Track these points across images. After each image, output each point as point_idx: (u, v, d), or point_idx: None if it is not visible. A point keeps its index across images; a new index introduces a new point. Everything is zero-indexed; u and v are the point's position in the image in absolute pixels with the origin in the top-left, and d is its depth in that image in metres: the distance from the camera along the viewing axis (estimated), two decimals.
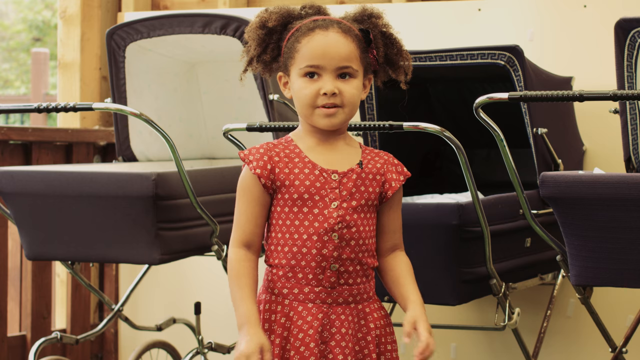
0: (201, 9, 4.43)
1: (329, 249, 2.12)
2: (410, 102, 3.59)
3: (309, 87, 2.13)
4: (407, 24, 3.85)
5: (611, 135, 3.37)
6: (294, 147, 2.18)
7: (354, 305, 2.16)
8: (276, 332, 2.14)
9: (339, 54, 2.13)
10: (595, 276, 2.53)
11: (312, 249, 2.12)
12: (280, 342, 2.13)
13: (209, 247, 3.08)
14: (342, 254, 2.13)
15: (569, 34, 3.62)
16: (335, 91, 2.12)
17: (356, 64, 2.15)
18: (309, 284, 2.13)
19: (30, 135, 3.97)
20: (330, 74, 2.13)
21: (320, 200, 2.13)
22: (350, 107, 2.15)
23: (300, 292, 2.13)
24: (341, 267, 2.13)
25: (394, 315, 3.43)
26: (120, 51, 3.53)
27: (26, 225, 3.03)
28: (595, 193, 2.45)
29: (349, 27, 2.16)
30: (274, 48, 2.20)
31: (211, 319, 4.02)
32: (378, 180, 2.20)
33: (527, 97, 2.46)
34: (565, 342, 3.62)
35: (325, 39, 2.13)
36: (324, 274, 2.13)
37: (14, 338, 4.02)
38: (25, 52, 14.77)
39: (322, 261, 2.12)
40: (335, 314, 2.14)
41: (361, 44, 2.17)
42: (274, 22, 2.18)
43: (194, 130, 3.89)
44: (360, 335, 2.16)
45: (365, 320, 2.17)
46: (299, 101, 2.16)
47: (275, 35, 2.19)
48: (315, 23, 2.15)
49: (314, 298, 2.13)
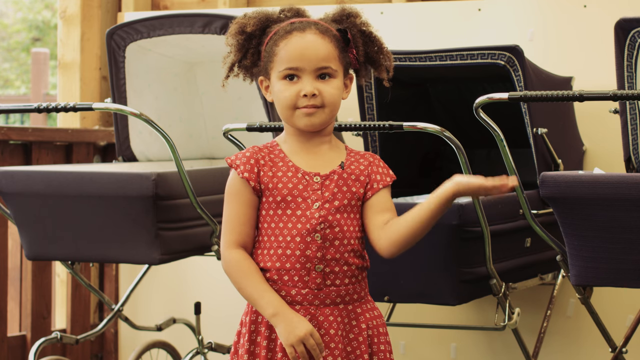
0: (201, 9, 4.43)
1: (312, 249, 2.12)
2: (410, 102, 3.60)
3: (288, 89, 2.14)
4: (407, 24, 3.85)
5: (611, 135, 3.37)
6: (278, 152, 2.20)
7: (343, 306, 2.15)
8: (262, 333, 2.14)
9: (317, 55, 2.13)
10: (595, 276, 2.53)
11: (296, 250, 2.13)
12: (267, 345, 2.13)
13: (209, 247, 3.08)
14: (326, 255, 2.13)
15: (569, 34, 3.62)
16: (315, 92, 2.13)
17: (335, 64, 2.16)
18: (295, 286, 2.13)
19: (30, 135, 3.97)
20: (310, 75, 2.13)
21: (303, 202, 2.14)
22: (330, 108, 2.16)
23: (287, 294, 2.13)
24: (326, 268, 2.13)
25: (394, 316, 3.43)
26: (120, 51, 3.53)
27: (26, 225, 3.03)
28: (595, 193, 2.45)
29: (326, 28, 2.17)
30: (254, 53, 2.21)
31: (211, 319, 4.02)
32: (362, 181, 2.20)
33: (527, 97, 2.46)
34: (565, 342, 3.62)
35: (302, 41, 2.14)
36: (309, 276, 2.13)
37: (14, 338, 4.02)
38: (25, 52, 14.77)
39: (307, 262, 2.13)
40: (323, 316, 2.13)
41: (339, 43, 2.18)
42: (253, 27, 2.19)
43: (194, 130, 3.89)
44: (351, 336, 2.15)
45: (357, 320, 2.17)
46: (279, 103, 2.17)
47: (254, 40, 2.21)
48: (292, 26, 2.16)
49: (301, 300, 2.13)
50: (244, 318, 2.19)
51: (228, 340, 3.53)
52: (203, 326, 3.68)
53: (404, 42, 3.75)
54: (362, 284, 2.20)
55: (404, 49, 3.21)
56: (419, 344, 3.80)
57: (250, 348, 2.15)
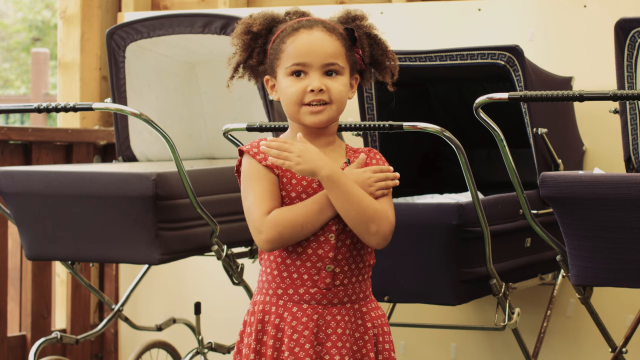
0: (201, 9, 4.43)
1: (324, 249, 2.12)
2: (410, 102, 3.60)
3: (295, 85, 2.14)
4: (407, 24, 3.85)
5: (611, 135, 3.37)
6: None
7: (350, 305, 2.15)
8: (269, 333, 2.13)
9: (324, 51, 2.13)
10: (595, 276, 2.53)
11: (308, 249, 2.12)
12: (274, 344, 2.12)
13: (209, 247, 3.08)
14: (338, 255, 2.13)
15: (569, 34, 3.62)
16: (323, 88, 2.12)
17: (342, 61, 2.15)
18: (304, 284, 2.12)
19: (30, 135, 3.97)
20: (317, 71, 2.13)
21: None
22: (337, 104, 2.15)
23: (295, 292, 2.13)
24: (336, 268, 2.13)
25: (394, 316, 3.44)
26: (120, 51, 3.53)
27: (26, 225, 3.03)
28: (595, 193, 2.45)
29: (333, 26, 2.17)
30: (260, 52, 2.21)
31: (211, 319, 4.02)
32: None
33: (527, 97, 2.46)
34: (565, 342, 3.62)
35: (310, 37, 2.14)
36: (319, 275, 2.12)
37: (14, 338, 4.02)
38: (25, 52, 14.77)
39: (318, 262, 2.12)
40: (330, 315, 2.13)
41: (346, 42, 2.18)
42: (259, 27, 2.19)
43: (194, 130, 3.89)
44: (357, 335, 2.16)
45: (363, 319, 2.17)
46: (285, 100, 2.16)
47: (260, 39, 2.20)
48: (299, 23, 2.16)
49: (309, 299, 2.12)
50: (248, 318, 2.18)
51: (228, 340, 3.53)
52: (203, 326, 3.68)
53: (404, 42, 3.75)
54: (368, 282, 2.20)
55: (404, 49, 3.21)
56: (419, 344, 3.80)
57: (257, 347, 2.14)
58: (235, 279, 3.13)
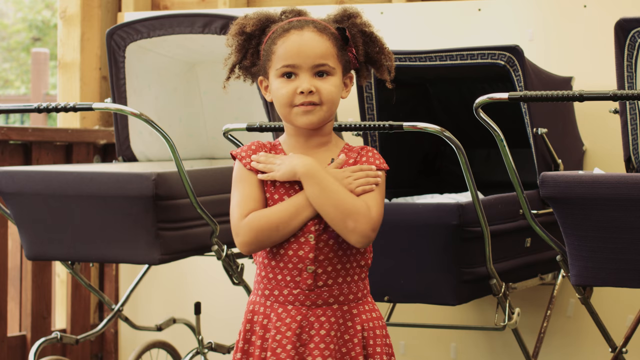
0: (201, 9, 4.43)
1: (305, 250, 2.11)
2: (410, 102, 3.60)
3: (286, 86, 2.14)
4: (407, 24, 3.85)
5: (611, 135, 3.37)
6: (279, 151, 2.20)
7: (337, 307, 2.14)
8: (257, 333, 2.14)
9: (314, 52, 2.13)
10: (595, 276, 2.53)
11: (289, 250, 2.12)
12: (262, 344, 2.13)
13: (209, 247, 3.08)
14: (319, 255, 2.12)
15: (569, 34, 3.62)
16: (312, 89, 2.12)
17: (333, 61, 2.15)
18: (287, 286, 2.13)
19: (30, 135, 3.97)
20: (307, 73, 2.13)
21: None
22: (328, 105, 2.14)
23: (280, 294, 2.13)
24: (318, 269, 2.12)
25: (394, 316, 3.43)
26: (120, 51, 3.53)
27: (26, 225, 3.03)
28: (595, 193, 2.45)
29: (324, 26, 2.17)
30: (253, 53, 2.21)
31: (211, 319, 4.02)
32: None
33: (527, 97, 2.46)
34: (565, 342, 3.62)
35: (299, 39, 2.13)
36: (300, 276, 2.12)
37: (14, 338, 4.02)
38: (25, 52, 14.78)
39: (299, 263, 2.12)
40: (314, 316, 2.12)
41: (338, 42, 2.17)
42: (252, 27, 2.19)
43: (194, 130, 3.89)
44: (347, 337, 2.14)
45: (352, 321, 2.15)
46: (277, 101, 2.17)
47: (254, 40, 2.20)
48: (290, 24, 2.16)
49: (292, 300, 2.12)
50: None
51: (228, 340, 3.53)
52: (203, 326, 3.68)
53: (404, 42, 3.75)
54: (360, 284, 2.17)
55: (404, 49, 3.21)
56: (419, 344, 3.80)
57: (245, 347, 2.15)
58: (235, 279, 3.13)
